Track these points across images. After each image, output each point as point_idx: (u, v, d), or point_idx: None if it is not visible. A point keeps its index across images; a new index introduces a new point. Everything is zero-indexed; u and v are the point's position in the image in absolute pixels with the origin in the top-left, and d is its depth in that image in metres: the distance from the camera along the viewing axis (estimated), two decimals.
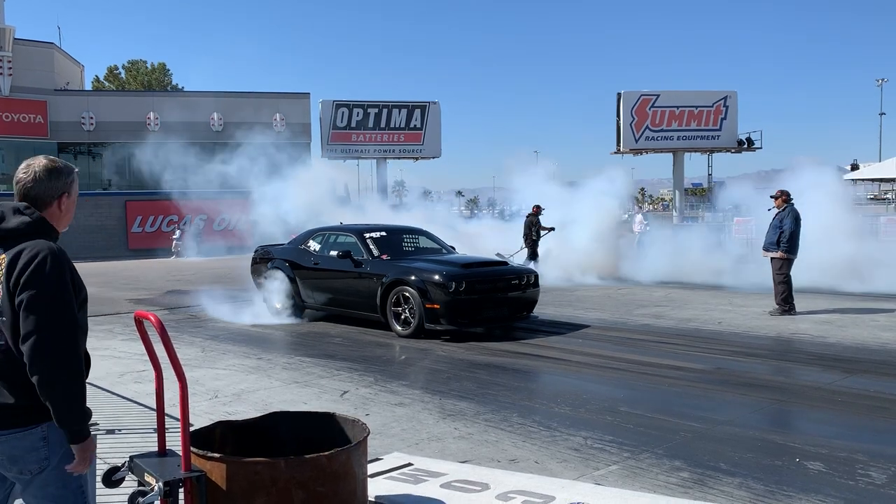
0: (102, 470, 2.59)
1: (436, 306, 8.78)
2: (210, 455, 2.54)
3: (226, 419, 3.67)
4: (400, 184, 62.86)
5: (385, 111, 36.11)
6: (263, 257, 11.51)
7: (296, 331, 9.96)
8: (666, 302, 12.12)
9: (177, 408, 2.51)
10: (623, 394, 6.28)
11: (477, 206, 78.58)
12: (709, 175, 41.40)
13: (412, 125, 36.43)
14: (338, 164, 33.69)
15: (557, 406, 5.86)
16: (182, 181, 21.53)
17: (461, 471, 4.15)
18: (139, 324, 2.69)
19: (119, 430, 5.02)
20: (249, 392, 6.45)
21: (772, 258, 10.39)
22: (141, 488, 2.50)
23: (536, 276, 9.91)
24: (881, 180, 38.13)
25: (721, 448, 4.76)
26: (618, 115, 36.80)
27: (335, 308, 10.36)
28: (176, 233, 28.16)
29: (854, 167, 39.62)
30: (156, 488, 2.43)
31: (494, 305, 9.32)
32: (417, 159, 37.68)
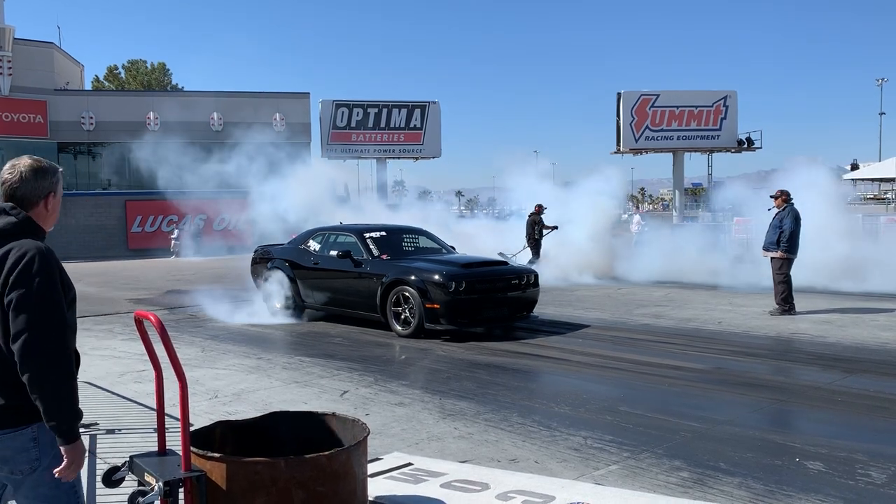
0: (102, 470, 2.59)
1: (436, 306, 8.78)
2: (210, 455, 2.55)
3: (226, 419, 3.68)
4: (399, 183, 62.89)
5: (385, 111, 36.13)
6: (263, 257, 11.51)
7: (296, 330, 9.96)
8: (666, 302, 12.12)
9: (177, 407, 2.51)
10: (623, 393, 6.28)
11: (476, 206, 78.58)
12: (709, 175, 41.39)
13: (412, 125, 36.45)
14: (338, 164, 33.71)
15: (557, 406, 5.86)
16: (182, 181, 21.49)
17: (461, 470, 4.15)
18: (139, 323, 2.69)
19: (119, 430, 5.03)
20: (249, 392, 6.45)
21: (772, 258, 10.40)
22: (141, 488, 2.50)
23: (536, 276, 9.90)
24: (881, 180, 38.13)
25: (721, 448, 4.76)
26: (618, 115, 36.82)
27: (335, 308, 10.36)
28: (175, 232, 28.15)
29: (854, 167, 39.70)
30: (156, 488, 2.43)
31: (494, 305, 9.32)
32: (417, 159, 37.70)
